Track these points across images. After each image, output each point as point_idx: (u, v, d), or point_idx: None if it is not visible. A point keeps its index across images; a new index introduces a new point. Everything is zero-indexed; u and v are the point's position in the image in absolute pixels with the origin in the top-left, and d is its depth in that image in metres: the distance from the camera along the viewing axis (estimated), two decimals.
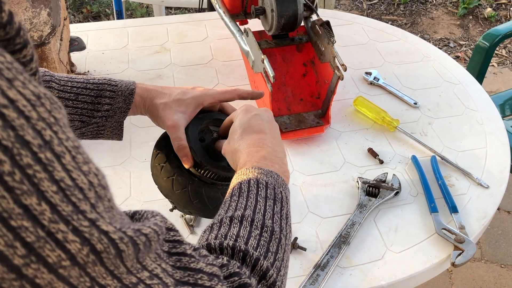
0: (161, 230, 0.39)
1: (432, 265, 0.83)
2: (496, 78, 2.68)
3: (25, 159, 0.28)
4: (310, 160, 1.02)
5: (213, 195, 0.75)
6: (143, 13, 2.97)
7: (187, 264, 0.40)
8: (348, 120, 1.12)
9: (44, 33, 0.96)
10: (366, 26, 1.43)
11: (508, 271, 1.80)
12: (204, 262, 0.42)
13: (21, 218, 0.28)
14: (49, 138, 0.30)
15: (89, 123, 0.73)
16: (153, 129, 0.80)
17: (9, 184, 0.27)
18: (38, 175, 0.29)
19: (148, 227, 0.36)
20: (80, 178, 0.31)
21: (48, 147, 0.30)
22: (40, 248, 0.29)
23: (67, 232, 0.30)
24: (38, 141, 0.29)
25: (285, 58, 1.15)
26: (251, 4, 1.16)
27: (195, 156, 0.73)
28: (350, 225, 0.88)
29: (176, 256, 0.40)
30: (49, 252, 0.29)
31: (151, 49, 1.32)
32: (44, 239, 0.29)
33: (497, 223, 1.95)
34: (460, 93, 1.20)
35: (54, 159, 0.30)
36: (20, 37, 0.33)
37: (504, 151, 1.05)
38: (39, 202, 0.29)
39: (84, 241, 0.30)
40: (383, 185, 0.94)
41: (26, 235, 0.28)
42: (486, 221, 0.91)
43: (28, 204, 0.28)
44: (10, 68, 0.29)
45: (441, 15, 3.12)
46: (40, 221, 0.29)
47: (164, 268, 0.38)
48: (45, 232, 0.29)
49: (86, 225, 0.31)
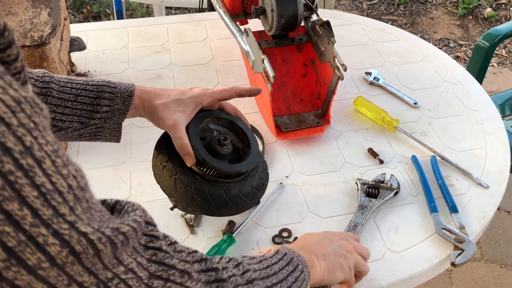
0: (140, 226, 0.40)
1: (432, 265, 0.83)
2: (496, 78, 2.68)
3: (7, 166, 0.29)
4: (310, 160, 1.02)
5: (216, 192, 0.75)
6: (143, 13, 2.97)
7: (162, 259, 0.42)
8: (348, 120, 1.12)
9: (44, 33, 0.96)
10: (366, 26, 1.43)
11: (508, 271, 1.80)
12: (178, 258, 0.44)
13: (3, 223, 0.29)
14: (30, 144, 0.30)
15: (88, 124, 0.74)
16: (153, 129, 0.80)
17: None
18: (20, 181, 0.29)
19: (126, 225, 0.37)
20: (59, 181, 0.32)
21: (29, 153, 0.30)
22: (21, 251, 0.30)
23: (48, 235, 0.31)
24: (19, 148, 0.30)
25: (285, 58, 1.15)
26: (251, 4, 1.16)
27: (197, 154, 0.73)
28: (352, 227, 0.88)
29: (152, 250, 0.42)
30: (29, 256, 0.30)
31: (151, 49, 1.32)
32: (25, 243, 0.30)
33: (497, 223, 1.95)
34: (460, 93, 1.20)
35: (35, 164, 0.30)
36: (4, 37, 0.33)
37: (504, 151, 1.05)
38: (21, 207, 0.29)
39: (63, 243, 0.31)
40: (382, 185, 0.94)
41: (7, 239, 0.29)
42: (486, 221, 0.91)
43: (9, 210, 0.29)
44: None
45: (441, 15, 3.12)
46: (21, 226, 0.29)
47: (140, 262, 0.39)
48: (26, 236, 0.30)
49: (65, 227, 0.32)
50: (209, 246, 0.84)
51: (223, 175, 0.76)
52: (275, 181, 0.96)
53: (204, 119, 0.79)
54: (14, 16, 0.99)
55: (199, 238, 0.86)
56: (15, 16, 0.99)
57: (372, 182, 0.95)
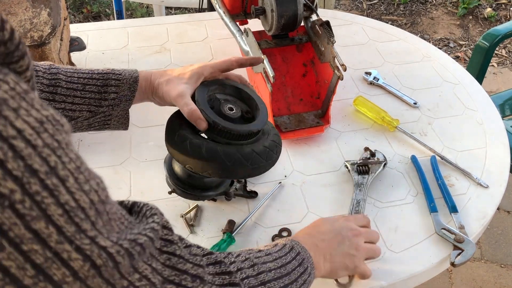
0: (156, 235, 0.41)
1: (432, 265, 0.83)
2: (496, 78, 2.68)
3: (34, 187, 0.30)
4: (310, 160, 1.02)
5: (230, 151, 0.75)
6: (143, 13, 2.97)
7: (175, 265, 0.43)
8: (348, 120, 1.12)
9: (44, 33, 0.96)
10: (366, 26, 1.43)
11: (508, 271, 1.80)
12: (191, 262, 0.45)
13: (31, 242, 0.30)
14: (54, 164, 0.32)
15: (97, 112, 0.76)
16: (153, 129, 0.80)
17: (20, 211, 0.29)
18: (46, 201, 0.31)
19: (144, 235, 0.39)
20: (82, 198, 0.33)
21: (54, 172, 0.32)
22: (48, 268, 0.31)
23: (71, 251, 0.32)
24: (44, 168, 0.31)
25: (285, 58, 1.15)
26: (251, 4, 1.16)
27: (207, 117, 0.74)
28: (356, 205, 0.91)
29: (167, 255, 0.43)
30: (55, 271, 0.32)
31: (151, 49, 1.32)
32: (51, 259, 0.31)
33: (497, 223, 1.95)
34: (460, 93, 1.20)
35: (59, 183, 0.32)
36: (19, 50, 0.35)
37: (504, 151, 1.05)
38: (47, 225, 0.31)
39: (85, 258, 0.33)
40: (370, 161, 0.98)
41: (35, 257, 0.31)
42: (486, 221, 0.91)
43: (37, 229, 0.30)
44: (14, 96, 0.31)
45: (441, 15, 3.12)
46: (48, 243, 0.31)
47: (154, 267, 0.41)
48: (52, 253, 0.31)
49: (87, 243, 0.33)
50: (209, 245, 0.84)
51: (235, 136, 0.75)
52: (275, 181, 0.96)
53: (210, 87, 0.79)
54: (14, 16, 0.99)
55: (199, 237, 0.86)
56: (15, 16, 0.99)
57: (360, 160, 0.99)
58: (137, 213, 0.44)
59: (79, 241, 0.33)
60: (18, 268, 0.30)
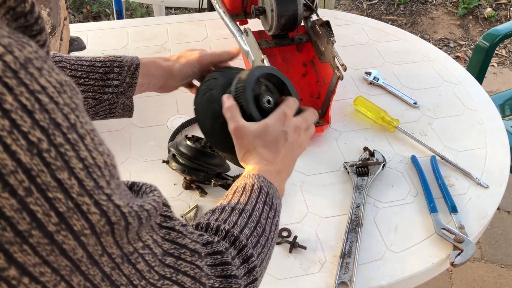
0: (159, 206, 0.43)
1: (431, 265, 0.83)
2: (496, 78, 2.68)
3: (58, 139, 0.32)
4: (310, 160, 1.02)
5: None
6: (143, 13, 2.97)
7: (175, 239, 0.45)
8: (348, 120, 1.12)
9: None
10: (366, 26, 1.43)
11: (508, 271, 1.80)
12: (189, 238, 0.46)
13: (56, 190, 0.32)
14: (74, 122, 0.34)
15: (101, 100, 0.78)
16: (153, 129, 0.80)
17: (46, 160, 0.31)
18: (68, 153, 0.33)
19: (149, 204, 0.41)
20: (98, 157, 0.35)
21: (74, 129, 0.33)
22: (69, 217, 0.33)
23: (90, 204, 0.34)
24: (66, 124, 0.33)
25: (285, 58, 1.15)
26: (251, 4, 1.16)
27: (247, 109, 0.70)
28: (355, 208, 0.90)
29: (166, 230, 0.45)
30: (76, 221, 0.33)
31: (151, 49, 1.32)
32: (73, 210, 0.33)
33: (497, 223, 1.95)
34: (460, 93, 1.20)
35: (79, 139, 0.34)
36: (37, 24, 0.37)
37: (504, 151, 1.05)
38: (70, 177, 0.33)
39: (102, 213, 0.34)
40: (369, 162, 0.98)
41: (59, 205, 0.32)
42: (486, 221, 0.91)
43: (61, 179, 0.32)
44: (37, 58, 0.33)
45: (441, 15, 3.12)
46: (70, 194, 0.33)
47: (155, 239, 0.42)
48: (73, 204, 0.33)
49: (104, 199, 0.35)
50: None
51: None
52: None
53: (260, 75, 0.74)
54: None
55: None
56: None
57: (359, 162, 0.98)
58: (137, 191, 0.46)
59: (97, 196, 0.34)
60: (44, 214, 0.31)
